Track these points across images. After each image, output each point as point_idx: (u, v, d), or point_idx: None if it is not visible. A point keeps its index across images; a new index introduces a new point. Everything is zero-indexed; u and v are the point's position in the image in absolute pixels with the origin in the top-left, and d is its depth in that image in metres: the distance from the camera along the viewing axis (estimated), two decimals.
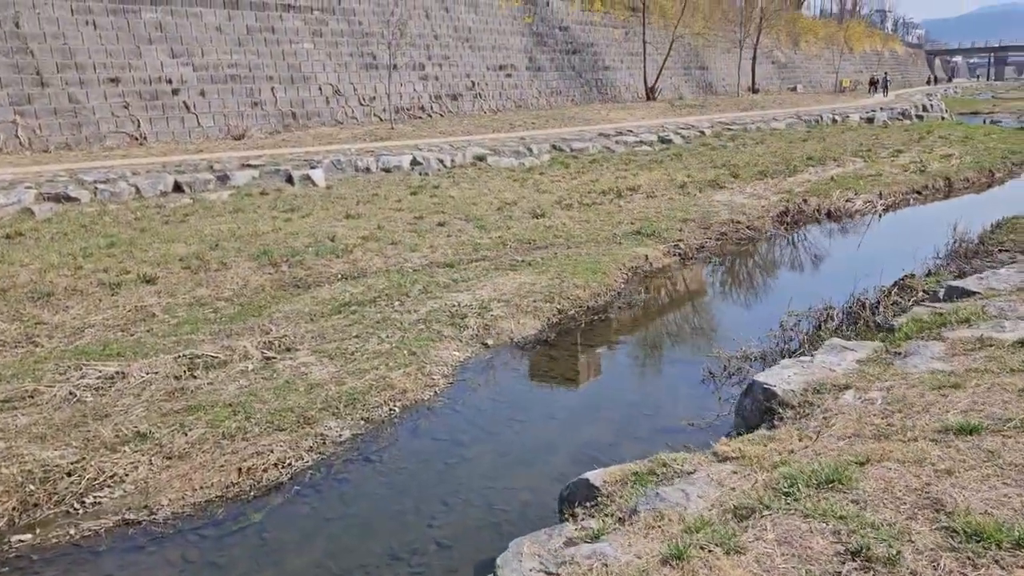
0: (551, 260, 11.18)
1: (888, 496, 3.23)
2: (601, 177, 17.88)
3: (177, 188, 14.49)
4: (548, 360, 8.23)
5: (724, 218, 14.50)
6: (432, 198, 15.07)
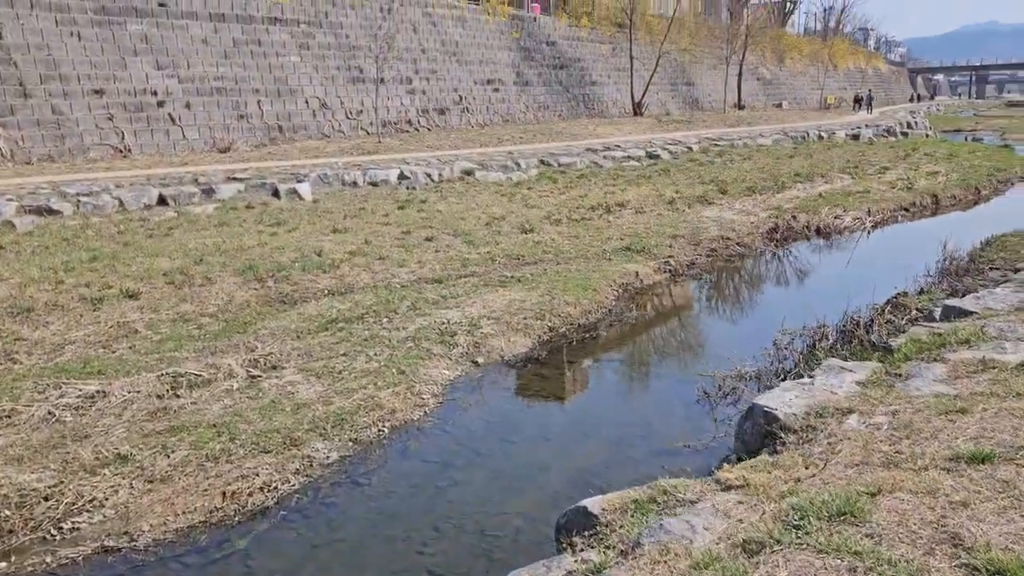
0: (541, 276, 11.07)
1: (903, 530, 3.10)
2: (589, 192, 17.82)
3: (161, 201, 14.29)
4: (539, 379, 8.10)
5: (714, 234, 14.45)
6: (420, 213, 14.95)
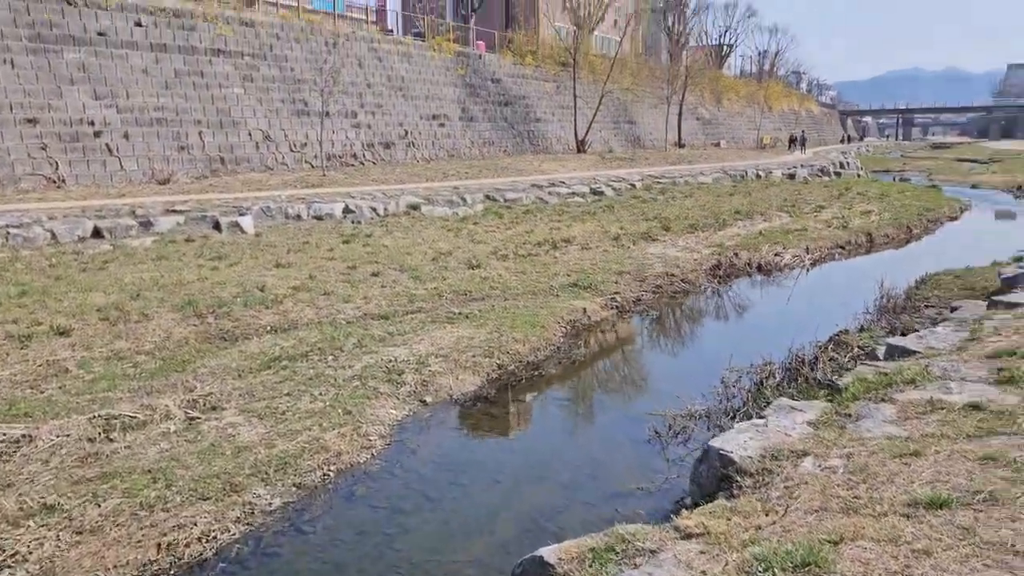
0: (489, 312, 10.99)
1: None
2: (536, 228, 17.89)
3: (96, 234, 13.83)
4: (489, 418, 7.98)
5: (659, 271, 14.60)
6: (365, 247, 14.78)
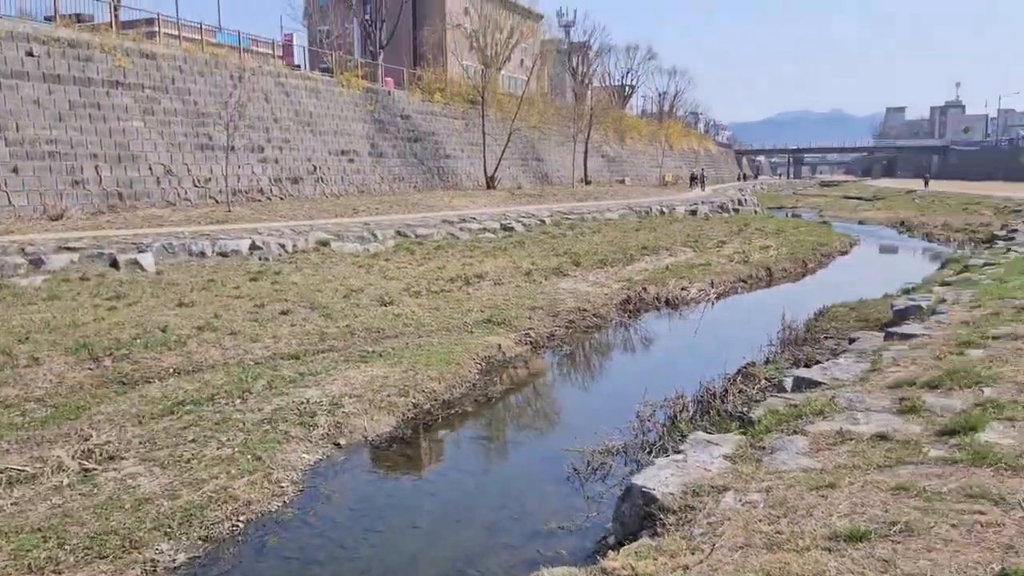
0: (403, 350, 10.83)
1: None
2: (448, 264, 17.84)
3: None
4: (406, 460, 7.82)
5: (571, 306, 14.75)
6: (274, 285, 14.38)
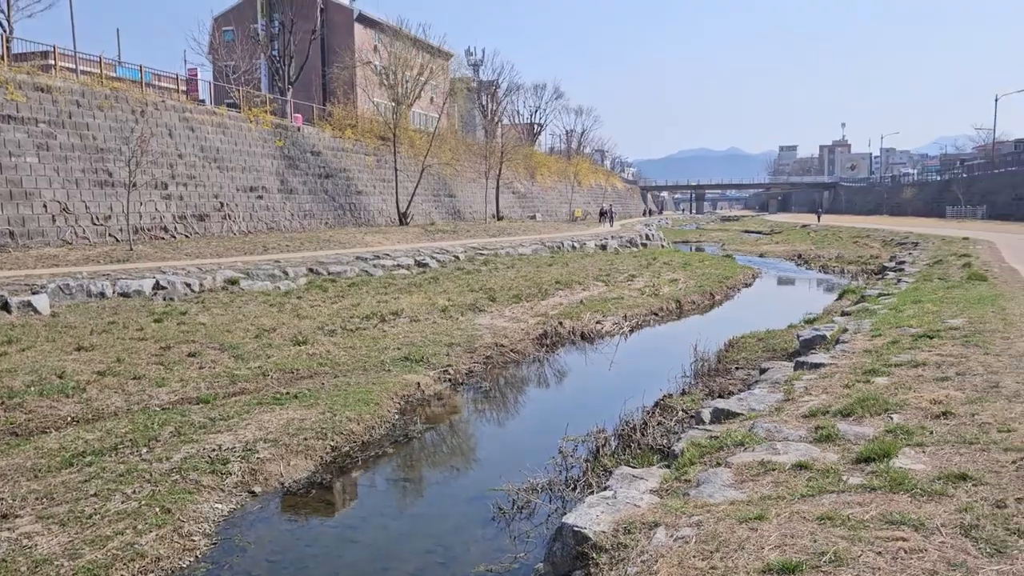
0: (319, 391, 10.55)
1: None
2: (362, 301, 17.57)
3: None
4: (326, 505, 7.56)
5: (488, 342, 14.72)
6: (180, 326, 13.83)
